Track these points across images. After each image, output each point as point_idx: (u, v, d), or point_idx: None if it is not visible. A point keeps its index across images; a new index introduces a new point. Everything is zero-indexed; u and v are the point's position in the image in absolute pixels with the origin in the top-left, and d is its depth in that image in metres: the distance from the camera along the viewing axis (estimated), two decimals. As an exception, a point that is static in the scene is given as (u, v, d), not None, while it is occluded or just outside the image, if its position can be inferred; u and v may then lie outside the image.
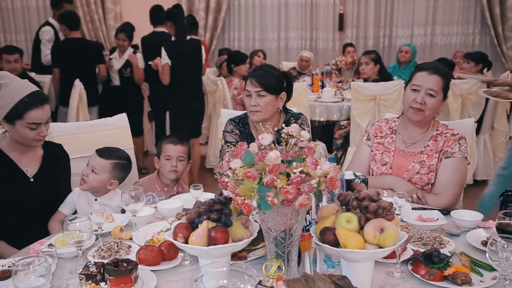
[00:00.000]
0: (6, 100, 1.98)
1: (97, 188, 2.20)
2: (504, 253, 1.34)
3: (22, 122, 2.01)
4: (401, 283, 1.46)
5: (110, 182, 2.21)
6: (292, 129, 1.41)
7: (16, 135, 2.05)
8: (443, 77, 2.17)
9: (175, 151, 2.46)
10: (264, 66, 2.43)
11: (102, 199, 2.21)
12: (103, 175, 2.18)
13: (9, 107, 1.98)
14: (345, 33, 7.69)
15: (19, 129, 2.02)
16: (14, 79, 2.05)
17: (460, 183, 2.19)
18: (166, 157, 2.46)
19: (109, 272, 1.39)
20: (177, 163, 2.45)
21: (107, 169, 2.19)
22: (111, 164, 2.21)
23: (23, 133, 2.04)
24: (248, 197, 1.31)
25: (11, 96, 1.99)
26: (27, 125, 2.01)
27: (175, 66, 4.52)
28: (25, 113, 1.99)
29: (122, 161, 2.26)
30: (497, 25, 7.03)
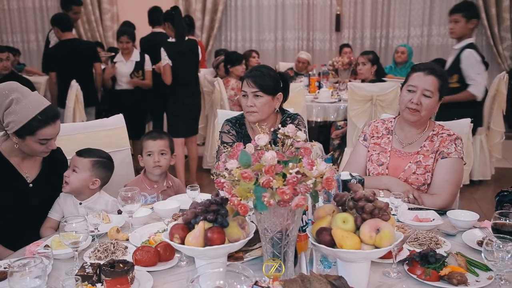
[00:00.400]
0: (18, 117, 1.96)
1: (79, 188, 2.16)
2: (499, 253, 1.35)
3: (33, 138, 2.01)
4: (397, 283, 1.46)
5: (92, 181, 2.17)
6: (289, 130, 1.41)
7: (25, 148, 2.06)
8: (439, 77, 2.18)
9: (155, 146, 2.44)
10: (261, 67, 2.43)
11: (86, 203, 2.18)
12: (83, 174, 2.15)
13: (21, 124, 1.97)
14: (341, 34, 7.70)
15: (29, 143, 2.03)
16: (26, 94, 2.03)
17: (456, 184, 2.20)
18: (148, 153, 2.44)
19: (106, 273, 1.39)
20: (159, 158, 2.42)
21: (87, 167, 2.16)
22: (91, 162, 2.17)
23: (33, 147, 2.04)
24: (245, 197, 1.31)
25: (24, 112, 1.97)
26: (38, 140, 2.02)
27: (176, 66, 4.63)
28: (38, 130, 1.99)
29: (102, 159, 2.23)
30: (493, 25, 7.04)
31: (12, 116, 1.97)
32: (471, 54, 3.72)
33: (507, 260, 1.34)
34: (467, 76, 3.78)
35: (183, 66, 4.67)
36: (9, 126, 1.98)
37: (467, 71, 3.78)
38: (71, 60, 5.02)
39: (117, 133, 2.67)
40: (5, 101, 1.97)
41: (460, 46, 3.85)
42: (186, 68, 4.72)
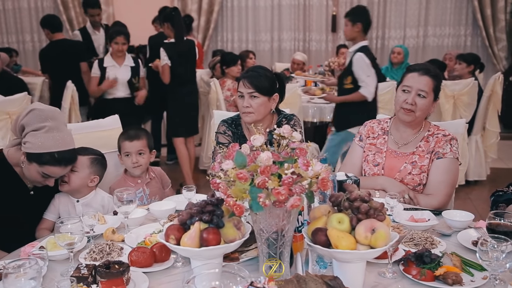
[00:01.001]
0: (39, 144, 1.95)
1: (79, 187, 2.17)
2: (494, 253, 1.35)
3: (39, 168, 1.99)
4: (392, 284, 1.47)
5: (91, 179, 2.19)
6: (284, 130, 1.41)
7: (24, 170, 2.03)
8: (434, 78, 2.18)
9: (133, 147, 2.41)
10: (257, 68, 2.43)
11: (84, 200, 2.20)
12: (83, 172, 2.16)
13: (36, 150, 1.95)
14: (338, 35, 7.71)
15: (31, 169, 2.01)
16: (61, 128, 2.02)
17: (451, 184, 2.20)
18: (125, 154, 2.42)
19: (101, 274, 1.39)
20: (137, 158, 2.40)
21: (86, 165, 2.17)
22: (89, 159, 2.19)
23: (33, 174, 2.02)
24: (240, 198, 1.31)
25: (46, 143, 1.96)
26: (41, 172, 2.00)
27: (176, 66, 4.69)
28: (46, 165, 1.98)
29: (98, 156, 2.25)
30: (489, 26, 7.08)
31: (34, 138, 1.95)
32: (361, 57, 3.86)
33: (501, 260, 1.34)
34: (358, 78, 3.92)
35: (182, 66, 4.73)
36: (26, 144, 1.97)
37: (357, 73, 3.91)
38: (62, 60, 5.03)
39: (113, 134, 2.65)
40: (38, 123, 1.96)
41: (354, 49, 4.00)
42: (185, 68, 4.78)
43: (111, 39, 4.70)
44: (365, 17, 4.00)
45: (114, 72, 4.74)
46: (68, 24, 7.90)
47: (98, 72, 4.70)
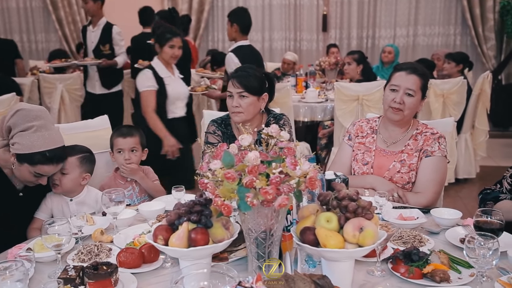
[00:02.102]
0: (27, 143, 1.92)
1: (72, 188, 2.17)
2: (481, 250, 1.36)
3: (30, 168, 1.97)
4: (381, 282, 1.47)
5: (82, 177, 2.19)
6: (272, 130, 1.41)
7: (16, 171, 2.01)
8: (421, 76, 2.20)
9: (126, 143, 2.39)
10: (246, 67, 2.43)
11: (77, 199, 2.20)
12: (74, 173, 2.16)
13: (26, 151, 1.93)
14: (328, 34, 7.73)
15: (23, 170, 1.98)
16: (49, 126, 2.00)
17: (440, 182, 2.22)
18: (118, 151, 2.40)
19: (89, 276, 1.38)
20: (130, 155, 2.39)
21: (75, 165, 2.16)
22: (78, 159, 2.18)
23: (25, 175, 2.00)
24: (228, 198, 1.31)
25: (35, 143, 1.93)
26: (33, 172, 1.98)
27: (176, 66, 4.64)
28: (39, 164, 1.96)
29: (86, 154, 2.24)
30: (478, 25, 7.13)
31: (22, 139, 1.92)
32: (230, 57, 4.03)
33: (488, 257, 1.35)
34: None
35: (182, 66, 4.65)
36: (14, 145, 1.94)
37: (229, 72, 4.02)
38: None
39: (102, 134, 2.64)
40: (26, 123, 1.93)
41: (230, 49, 4.23)
42: (184, 69, 4.74)
43: (164, 40, 3.77)
44: (242, 18, 4.14)
45: (173, 86, 3.83)
46: (58, 24, 7.85)
47: (155, 85, 3.67)
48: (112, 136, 2.47)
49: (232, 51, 4.09)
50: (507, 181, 2.08)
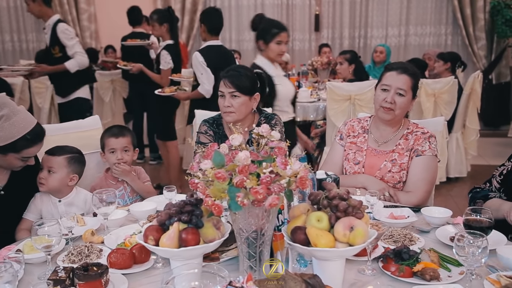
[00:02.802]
0: (6, 134, 1.91)
1: (58, 187, 2.15)
2: (470, 248, 1.37)
3: (16, 155, 1.97)
4: (371, 280, 1.48)
5: (70, 178, 2.17)
6: (263, 129, 1.41)
7: (3, 163, 2.01)
8: (412, 76, 2.21)
9: (118, 143, 2.39)
10: (238, 67, 2.43)
11: (66, 200, 2.18)
12: (61, 173, 2.14)
13: (7, 141, 1.92)
14: (321, 34, 7.75)
15: (9, 159, 1.98)
16: (15, 110, 1.96)
17: (430, 181, 2.23)
18: (111, 151, 2.39)
19: (79, 277, 1.37)
20: (122, 155, 2.38)
21: (63, 165, 2.15)
22: (66, 159, 2.17)
23: (13, 163, 2.01)
24: (219, 198, 1.31)
25: (12, 131, 1.92)
26: (21, 157, 1.99)
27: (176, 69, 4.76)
28: (24, 149, 1.97)
29: (75, 154, 2.23)
30: (468, 25, 7.18)
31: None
32: (195, 56, 4.04)
33: (477, 255, 1.36)
34: (197, 76, 4.12)
35: (176, 68, 4.77)
36: None
37: (195, 72, 4.12)
38: None
39: (93, 134, 2.63)
40: None
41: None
42: (177, 70, 4.83)
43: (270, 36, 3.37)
44: (211, 19, 4.18)
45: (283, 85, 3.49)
46: (48, 24, 7.79)
47: None
48: (103, 136, 2.46)
49: (199, 51, 4.10)
50: (496, 180, 2.09)
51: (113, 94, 6.29)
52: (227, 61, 4.09)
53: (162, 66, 4.64)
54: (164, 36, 4.70)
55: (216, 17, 4.23)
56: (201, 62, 3.99)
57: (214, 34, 4.18)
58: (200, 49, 4.16)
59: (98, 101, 6.13)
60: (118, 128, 2.50)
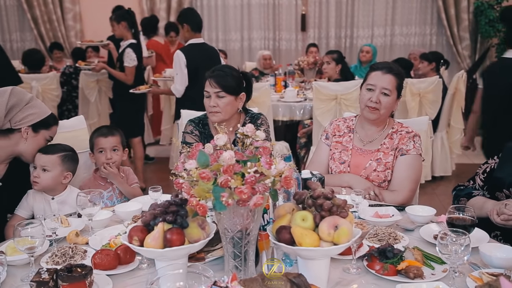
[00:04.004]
0: (41, 110, 2.16)
1: (52, 185, 2.17)
2: (453, 246, 1.39)
3: (46, 132, 2.18)
4: (356, 279, 1.49)
5: (64, 176, 2.19)
6: (247, 129, 1.41)
7: (31, 145, 2.14)
8: (397, 76, 2.23)
9: (107, 143, 2.39)
10: (223, 67, 2.43)
11: (59, 197, 2.19)
12: (55, 171, 2.16)
13: (42, 116, 2.15)
14: (307, 34, 7.77)
15: (39, 139, 2.16)
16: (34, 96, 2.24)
17: (415, 180, 2.25)
18: (99, 150, 2.39)
19: (62, 278, 1.36)
20: (111, 155, 2.38)
21: (57, 163, 2.16)
22: (60, 157, 2.18)
23: (40, 144, 2.18)
24: (203, 198, 1.30)
25: (44, 108, 2.19)
26: (48, 137, 2.21)
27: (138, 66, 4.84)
28: (52, 126, 2.22)
29: (69, 152, 2.24)
30: (453, 25, 7.25)
31: (34, 109, 2.12)
32: (177, 54, 4.14)
33: (460, 252, 1.38)
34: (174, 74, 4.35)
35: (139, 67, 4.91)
36: (27, 118, 2.10)
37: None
38: None
39: (78, 134, 2.61)
40: (25, 96, 2.12)
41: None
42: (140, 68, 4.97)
43: None
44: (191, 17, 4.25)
45: None
46: (33, 23, 7.70)
47: None
48: (92, 136, 2.46)
49: (181, 49, 4.14)
50: (479, 178, 2.12)
51: (98, 94, 6.23)
52: (211, 58, 4.11)
53: (127, 63, 4.74)
54: (125, 35, 4.80)
55: (196, 15, 4.33)
56: (181, 62, 4.03)
57: (198, 31, 4.22)
58: (183, 48, 4.19)
59: (83, 102, 6.07)
60: (107, 128, 2.53)
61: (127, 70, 4.74)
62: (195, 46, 4.16)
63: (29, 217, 2.16)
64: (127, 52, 4.68)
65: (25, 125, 2.09)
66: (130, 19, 4.75)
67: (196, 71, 3.97)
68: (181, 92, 4.14)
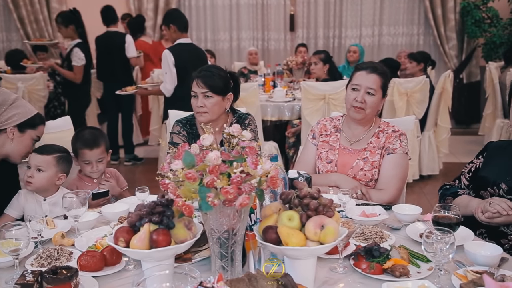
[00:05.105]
0: (26, 110, 2.14)
1: (46, 186, 2.16)
2: (438, 244, 1.40)
3: (33, 132, 2.18)
4: (343, 278, 1.49)
5: (58, 177, 2.18)
6: (233, 129, 1.41)
7: (16, 145, 2.13)
8: (381, 75, 2.24)
9: (93, 156, 2.33)
10: (210, 67, 2.43)
11: (51, 199, 2.18)
12: (50, 172, 2.15)
13: (27, 116, 2.14)
14: (296, 34, 7.79)
15: (25, 139, 2.16)
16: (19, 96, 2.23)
17: (401, 178, 2.27)
18: (85, 162, 2.34)
19: (47, 280, 1.35)
20: (97, 166, 2.34)
21: (52, 164, 2.16)
22: (55, 158, 2.17)
23: (27, 143, 2.17)
24: (189, 198, 1.30)
25: (29, 108, 2.18)
26: (35, 136, 2.20)
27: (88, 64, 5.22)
28: (39, 126, 2.20)
29: (63, 154, 2.23)
30: (440, 25, 7.32)
31: (19, 109, 2.12)
32: (164, 54, 4.13)
33: (445, 251, 1.39)
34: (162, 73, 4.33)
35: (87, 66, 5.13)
36: (11, 119, 2.09)
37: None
38: None
39: (64, 136, 2.60)
40: (10, 97, 2.11)
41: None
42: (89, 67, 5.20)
43: None
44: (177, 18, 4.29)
45: None
46: (19, 23, 7.63)
47: None
48: (76, 144, 2.35)
49: (169, 49, 4.15)
50: (465, 177, 2.14)
51: (86, 94, 6.19)
52: (198, 58, 4.12)
53: (76, 62, 4.90)
54: (72, 36, 4.96)
55: (181, 15, 4.37)
56: (169, 61, 4.03)
57: (185, 31, 4.24)
58: (171, 47, 4.19)
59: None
60: (91, 134, 2.39)
61: (76, 69, 4.89)
62: (183, 46, 4.16)
63: (19, 217, 2.13)
64: (75, 52, 4.85)
65: (10, 125, 2.08)
66: (77, 21, 4.85)
67: (184, 70, 3.97)
68: (171, 92, 4.15)
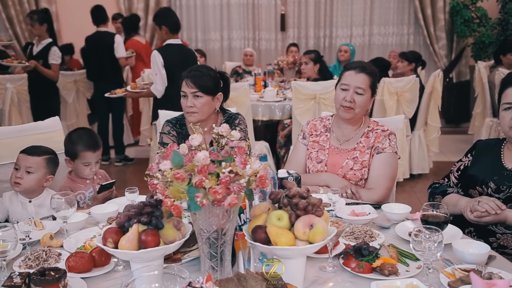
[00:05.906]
0: None
1: (34, 188, 2.16)
2: (427, 243, 1.41)
3: None
4: (332, 277, 1.49)
5: (46, 179, 2.18)
6: (222, 129, 1.41)
7: None
8: (370, 75, 2.25)
9: (94, 157, 2.32)
10: (200, 67, 2.42)
11: (36, 200, 2.17)
12: (39, 173, 2.15)
13: None
14: (287, 33, 7.80)
15: None
16: None
17: (391, 177, 2.28)
18: (85, 164, 2.32)
19: (35, 282, 1.33)
20: (96, 167, 2.35)
21: (42, 166, 2.16)
22: (45, 159, 2.17)
23: None
24: (178, 198, 1.30)
25: None
26: None
27: None
28: None
29: (52, 155, 2.23)
30: (429, 25, 7.37)
31: None
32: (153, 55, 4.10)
33: (433, 249, 1.40)
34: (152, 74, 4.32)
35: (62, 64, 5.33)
36: None
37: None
38: None
39: (53, 136, 2.57)
40: None
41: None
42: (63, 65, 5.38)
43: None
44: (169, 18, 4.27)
45: None
46: (8, 23, 7.56)
47: None
48: (76, 146, 2.32)
49: (158, 49, 4.14)
50: (454, 175, 2.15)
51: (76, 95, 6.16)
52: (187, 59, 4.11)
53: (55, 61, 5.03)
54: (43, 35, 5.03)
55: (173, 15, 4.33)
56: (158, 62, 4.02)
57: (176, 32, 4.23)
58: (159, 48, 4.18)
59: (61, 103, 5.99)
60: (90, 136, 2.37)
61: (54, 67, 5.01)
62: (172, 47, 4.15)
63: (2, 220, 2.12)
64: (53, 50, 4.97)
65: None
66: (50, 20, 4.95)
67: (173, 71, 3.96)
68: (162, 93, 4.14)
